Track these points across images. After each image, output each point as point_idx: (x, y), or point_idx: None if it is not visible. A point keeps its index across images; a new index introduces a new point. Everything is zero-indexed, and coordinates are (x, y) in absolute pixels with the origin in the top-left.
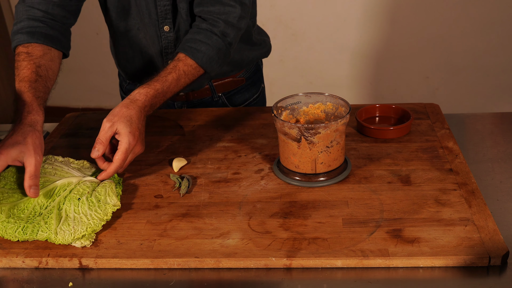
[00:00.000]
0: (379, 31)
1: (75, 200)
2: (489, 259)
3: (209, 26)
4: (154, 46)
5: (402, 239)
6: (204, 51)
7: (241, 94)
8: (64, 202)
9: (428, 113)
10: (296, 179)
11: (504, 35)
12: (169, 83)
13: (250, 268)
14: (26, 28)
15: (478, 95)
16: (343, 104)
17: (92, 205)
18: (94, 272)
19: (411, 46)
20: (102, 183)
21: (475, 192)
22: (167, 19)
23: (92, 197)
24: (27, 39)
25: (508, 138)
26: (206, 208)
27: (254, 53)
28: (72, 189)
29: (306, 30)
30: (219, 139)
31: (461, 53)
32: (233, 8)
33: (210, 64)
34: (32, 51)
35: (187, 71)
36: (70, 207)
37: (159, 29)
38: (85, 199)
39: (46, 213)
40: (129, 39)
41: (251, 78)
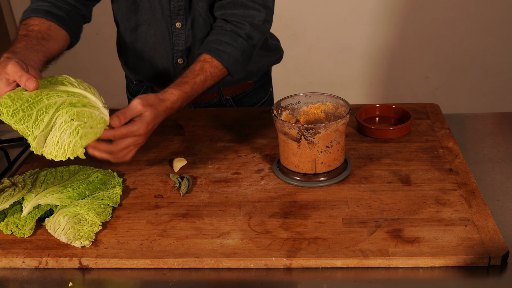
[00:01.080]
0: (379, 31)
1: (69, 119)
2: (489, 259)
3: (234, 28)
4: (164, 43)
5: (402, 239)
6: (230, 53)
7: (249, 97)
8: (60, 113)
9: (428, 113)
10: (296, 179)
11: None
12: (197, 85)
13: (250, 268)
14: (31, 7)
15: (478, 95)
16: (343, 104)
17: (73, 135)
18: (94, 272)
19: (411, 46)
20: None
21: (475, 192)
22: (179, 16)
23: (80, 129)
24: (28, 14)
25: (508, 138)
26: (206, 208)
27: (268, 59)
28: (78, 105)
29: (306, 30)
30: (219, 139)
31: (461, 53)
32: (258, 11)
33: (234, 66)
34: (29, 22)
35: (213, 73)
36: (62, 125)
37: (171, 25)
38: (76, 124)
39: (41, 110)
40: (138, 35)
41: (260, 81)
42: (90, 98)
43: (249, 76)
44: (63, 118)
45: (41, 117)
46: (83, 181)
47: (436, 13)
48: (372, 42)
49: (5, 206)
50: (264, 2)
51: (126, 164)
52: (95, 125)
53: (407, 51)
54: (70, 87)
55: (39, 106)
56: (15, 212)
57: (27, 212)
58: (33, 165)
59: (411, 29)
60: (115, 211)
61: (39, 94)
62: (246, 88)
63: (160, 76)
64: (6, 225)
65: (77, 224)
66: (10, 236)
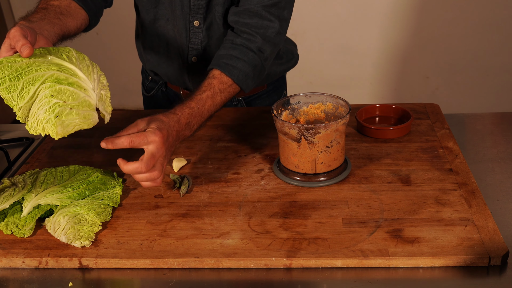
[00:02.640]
0: (379, 31)
1: (49, 95)
2: (489, 259)
3: (244, 42)
4: (180, 39)
5: (402, 239)
6: (240, 68)
7: (262, 99)
8: (43, 86)
9: (428, 113)
10: (296, 179)
11: (504, 35)
12: (203, 102)
13: (250, 268)
14: None
15: (478, 95)
16: (343, 104)
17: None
18: (94, 272)
19: (411, 46)
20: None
21: (475, 192)
22: (198, 14)
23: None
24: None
25: (508, 138)
26: (206, 208)
27: (281, 67)
28: (64, 82)
29: (306, 30)
30: (219, 139)
31: (461, 53)
32: (272, 23)
33: (245, 81)
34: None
35: (222, 89)
36: (43, 99)
37: (189, 23)
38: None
39: (28, 81)
40: (156, 28)
41: (273, 84)
42: (80, 77)
43: (263, 82)
44: (44, 92)
45: (26, 89)
46: (83, 181)
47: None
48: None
49: (5, 206)
50: (279, 14)
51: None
52: (76, 106)
53: (407, 51)
54: (65, 62)
55: (26, 77)
56: (15, 212)
57: (27, 212)
58: (33, 165)
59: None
60: (115, 211)
61: (30, 65)
62: (259, 90)
63: (173, 71)
64: (6, 225)
65: (77, 224)
66: (10, 236)
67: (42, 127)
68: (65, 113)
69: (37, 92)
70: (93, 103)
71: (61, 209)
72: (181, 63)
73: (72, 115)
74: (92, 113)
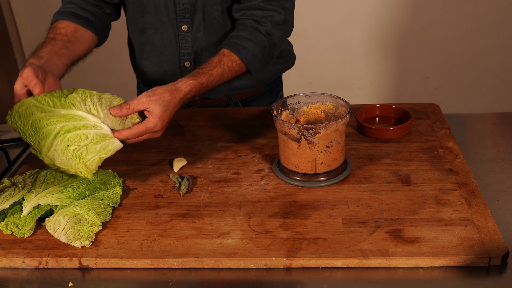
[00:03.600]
0: (379, 31)
1: (65, 146)
2: (489, 259)
3: (254, 24)
4: (171, 47)
5: (402, 239)
6: (248, 48)
7: (259, 101)
8: (57, 141)
9: (428, 113)
10: (296, 179)
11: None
12: (213, 77)
13: (250, 268)
14: (60, 10)
15: (478, 95)
16: (343, 104)
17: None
18: (94, 272)
19: (411, 46)
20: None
21: (475, 192)
22: (185, 18)
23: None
24: (56, 18)
25: (508, 138)
26: (206, 208)
27: (278, 67)
28: (73, 130)
29: (306, 30)
30: (219, 139)
31: (461, 53)
32: (277, 12)
33: (253, 61)
34: (57, 25)
35: (231, 67)
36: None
37: (177, 28)
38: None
39: (42, 135)
40: (146, 38)
41: (270, 85)
42: (86, 117)
43: (260, 83)
44: (61, 146)
45: (42, 142)
46: (83, 181)
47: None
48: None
49: (5, 206)
50: (281, 5)
51: (126, 164)
52: (92, 144)
53: (407, 51)
54: (71, 110)
55: (40, 131)
56: (15, 212)
57: (27, 212)
58: (33, 165)
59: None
60: (115, 211)
61: (41, 119)
62: (256, 91)
63: (168, 80)
64: (6, 225)
65: (77, 224)
66: (10, 236)
67: (75, 171)
68: (87, 152)
69: (53, 145)
70: (106, 133)
71: (61, 209)
72: (174, 70)
73: (90, 153)
74: (109, 142)
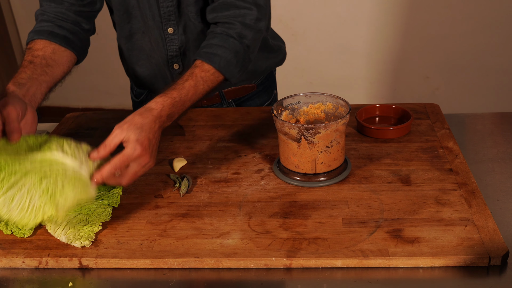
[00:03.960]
0: (379, 31)
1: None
2: (489, 259)
3: (224, 29)
4: (159, 50)
5: (402, 239)
6: (221, 55)
7: (252, 101)
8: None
9: (428, 113)
10: (296, 179)
11: (504, 35)
12: (186, 91)
13: (250, 268)
14: (35, 29)
15: (478, 95)
16: (343, 104)
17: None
18: (94, 272)
19: (411, 46)
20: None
21: (475, 192)
22: (170, 21)
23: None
24: (32, 36)
25: (508, 138)
26: (206, 208)
27: (269, 61)
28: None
29: (306, 30)
30: (219, 139)
31: (461, 53)
32: (249, 10)
33: (228, 68)
34: (34, 46)
35: (205, 77)
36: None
37: (163, 32)
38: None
39: (9, 172)
40: (134, 42)
41: (263, 84)
42: (66, 163)
43: (251, 78)
44: (31, 180)
45: (7, 178)
46: None
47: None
48: (372, 42)
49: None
50: (254, 1)
51: None
52: (68, 182)
53: (407, 51)
54: (48, 154)
55: (5, 171)
56: None
57: None
58: None
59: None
60: (115, 211)
61: (13, 161)
62: (249, 91)
63: (159, 83)
64: (6, 225)
65: (77, 224)
66: (10, 236)
67: (42, 212)
68: (58, 190)
69: (20, 183)
70: (84, 177)
71: None
72: (164, 73)
73: (65, 191)
74: (86, 186)
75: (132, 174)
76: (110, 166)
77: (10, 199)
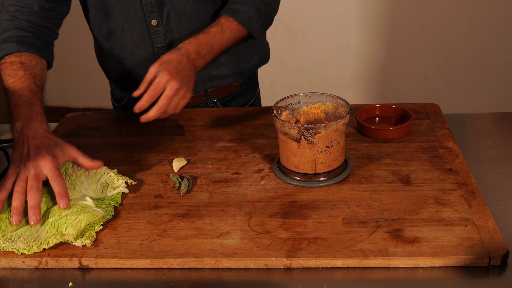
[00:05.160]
0: (379, 31)
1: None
2: (489, 259)
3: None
4: (143, 44)
5: (402, 239)
6: (244, 10)
7: (237, 99)
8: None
9: (428, 113)
10: (296, 179)
11: (504, 35)
12: (212, 35)
13: (250, 268)
14: (15, 37)
15: (478, 95)
16: (343, 104)
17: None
18: (94, 272)
19: (411, 46)
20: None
21: (475, 192)
22: (153, 13)
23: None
24: (18, 47)
25: (508, 138)
26: (206, 208)
27: (256, 58)
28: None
29: (306, 30)
30: (219, 139)
31: (461, 53)
32: None
33: (250, 22)
34: (25, 60)
35: (230, 26)
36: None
37: (147, 24)
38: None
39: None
40: (113, 42)
41: (247, 83)
42: (69, 195)
43: (238, 75)
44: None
45: None
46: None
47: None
48: (372, 42)
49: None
50: None
51: (126, 164)
52: (72, 214)
53: (407, 51)
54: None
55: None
56: None
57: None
58: None
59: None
60: (115, 211)
61: None
62: (234, 90)
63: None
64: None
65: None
66: None
67: (46, 243)
68: (62, 223)
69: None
70: (89, 204)
71: None
72: (148, 70)
73: (69, 220)
74: (92, 211)
75: (167, 97)
76: (147, 95)
77: (17, 236)
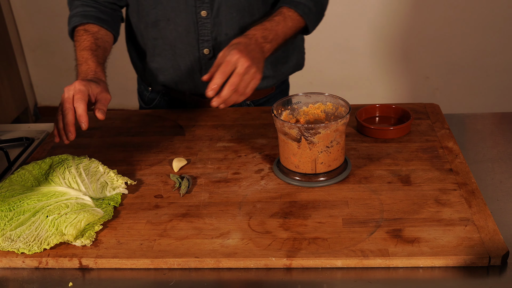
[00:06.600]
0: (379, 31)
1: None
2: (489, 259)
3: None
4: (188, 36)
5: (402, 239)
6: (304, 3)
7: (270, 103)
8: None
9: (428, 113)
10: (296, 179)
11: (504, 35)
12: (276, 22)
13: (250, 268)
14: (80, 13)
15: (478, 95)
16: (343, 104)
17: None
18: (94, 272)
19: (411, 46)
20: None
21: (475, 192)
22: (205, 3)
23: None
24: (81, 20)
25: (508, 138)
26: (206, 208)
27: (289, 65)
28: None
29: None
30: (219, 139)
31: (461, 53)
32: None
33: (309, 15)
34: (89, 28)
35: (292, 16)
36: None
37: (196, 15)
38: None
39: (19, 212)
40: (157, 32)
41: (280, 87)
42: (69, 193)
43: (273, 79)
44: (38, 221)
45: (16, 217)
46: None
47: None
48: (372, 42)
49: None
50: None
51: (126, 164)
52: (72, 212)
53: (407, 51)
54: (52, 187)
55: (18, 209)
56: None
57: None
58: None
59: (411, 29)
60: (115, 211)
61: (22, 199)
62: (268, 93)
63: (181, 74)
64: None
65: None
66: None
67: (47, 243)
68: (62, 221)
69: (28, 223)
70: (88, 203)
71: None
72: (190, 62)
73: (69, 219)
74: (90, 210)
75: (238, 74)
76: (219, 72)
77: (17, 235)
